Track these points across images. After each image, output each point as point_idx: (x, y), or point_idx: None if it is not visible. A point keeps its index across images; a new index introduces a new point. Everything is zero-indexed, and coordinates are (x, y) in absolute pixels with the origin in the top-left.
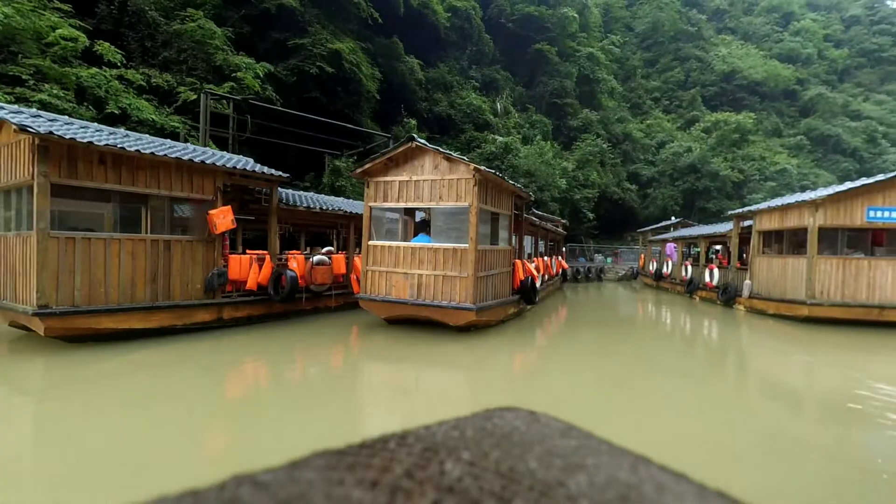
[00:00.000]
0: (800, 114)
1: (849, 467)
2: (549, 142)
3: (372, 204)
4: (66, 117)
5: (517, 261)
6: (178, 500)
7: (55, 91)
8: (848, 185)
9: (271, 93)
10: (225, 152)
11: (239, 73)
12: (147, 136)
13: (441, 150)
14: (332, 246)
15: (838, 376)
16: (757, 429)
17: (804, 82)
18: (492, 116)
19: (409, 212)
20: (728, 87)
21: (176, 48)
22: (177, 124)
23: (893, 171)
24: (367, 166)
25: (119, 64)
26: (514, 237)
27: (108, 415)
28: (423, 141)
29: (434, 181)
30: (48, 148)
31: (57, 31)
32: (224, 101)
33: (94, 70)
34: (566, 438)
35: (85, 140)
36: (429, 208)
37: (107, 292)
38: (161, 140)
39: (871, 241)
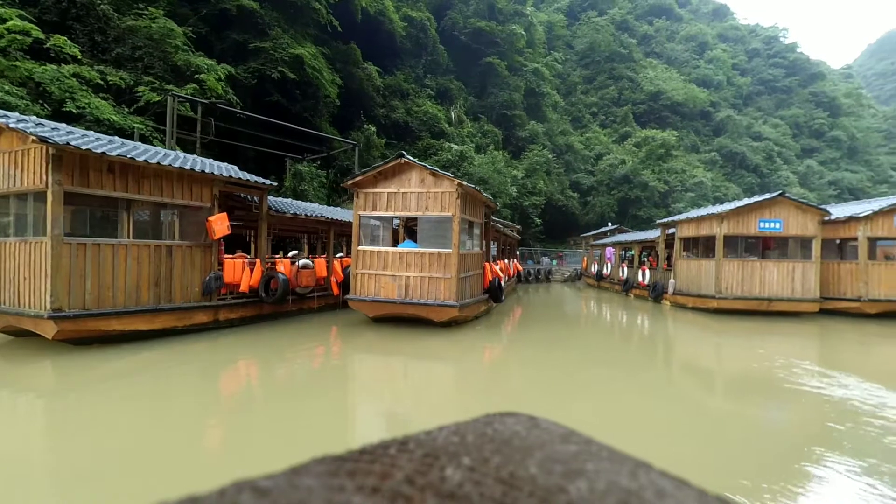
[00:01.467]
0: (713, 133)
1: (761, 427)
2: (500, 151)
3: (361, 213)
4: (57, 123)
5: (487, 263)
6: None
7: (6, 87)
8: (745, 201)
9: (232, 96)
10: (214, 160)
11: (202, 76)
12: (140, 143)
13: (427, 166)
14: (296, 250)
15: (746, 354)
16: (683, 403)
17: (716, 105)
18: (447, 125)
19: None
20: (655, 105)
21: (130, 45)
22: (139, 125)
23: (785, 185)
24: (357, 178)
25: (75, 60)
26: (483, 242)
27: (122, 413)
28: (411, 157)
29: (420, 193)
30: (62, 157)
31: (7, 22)
32: (186, 104)
33: (49, 66)
34: (566, 444)
35: (99, 150)
36: (404, 216)
37: (114, 296)
38: (156, 149)
39: (762, 246)
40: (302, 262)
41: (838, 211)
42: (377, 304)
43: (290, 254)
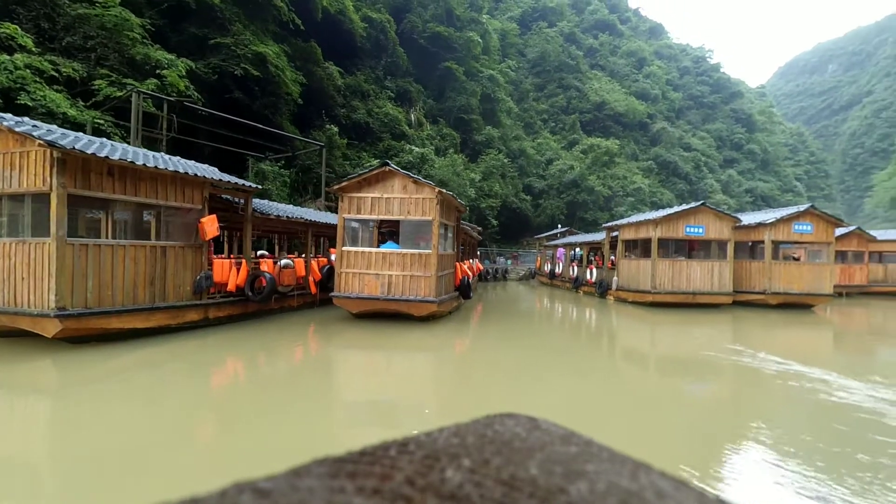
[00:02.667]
0: (650, 143)
1: (694, 393)
2: (459, 154)
3: (346, 216)
4: (38, 122)
5: (458, 263)
6: None
7: None
8: (675, 209)
9: (193, 92)
10: (196, 163)
11: (164, 72)
12: (132, 146)
13: (410, 174)
14: (263, 251)
15: (679, 339)
16: (627, 386)
17: (653, 117)
18: (407, 127)
19: (364, 222)
20: (600, 115)
21: (81, 34)
22: (98, 120)
23: (710, 192)
24: (343, 184)
25: (23, 50)
26: (455, 244)
27: (125, 409)
28: (395, 166)
29: (403, 199)
30: (66, 161)
31: None
32: (149, 100)
33: (2, 56)
34: (567, 445)
35: (102, 155)
36: (386, 220)
37: (113, 295)
38: (144, 151)
39: (689, 248)
40: (283, 261)
41: (749, 218)
42: (361, 300)
43: (257, 254)
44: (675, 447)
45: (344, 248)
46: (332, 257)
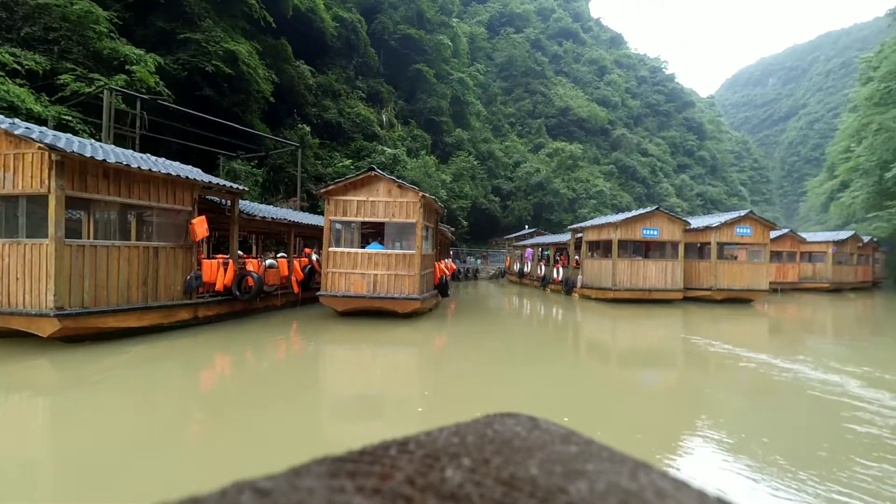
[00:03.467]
0: (611, 147)
1: (657, 382)
2: (430, 156)
3: (332, 218)
4: (30, 124)
5: (436, 262)
6: None
7: None
8: (633, 213)
9: (164, 88)
10: (183, 164)
11: (133, 67)
12: (122, 149)
13: (395, 179)
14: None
15: (637, 330)
16: (593, 373)
17: (614, 123)
18: (379, 128)
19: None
20: (564, 120)
21: (42, 25)
22: (66, 116)
23: (665, 196)
24: (330, 188)
25: None
26: (435, 244)
27: (122, 405)
28: (380, 171)
29: (388, 202)
30: (64, 164)
31: None
32: (118, 97)
33: None
34: (567, 444)
35: (100, 158)
36: (370, 222)
37: (108, 295)
38: (137, 154)
39: (645, 248)
40: (268, 262)
41: (697, 222)
42: (348, 299)
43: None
44: (638, 421)
45: (330, 249)
46: (314, 257)
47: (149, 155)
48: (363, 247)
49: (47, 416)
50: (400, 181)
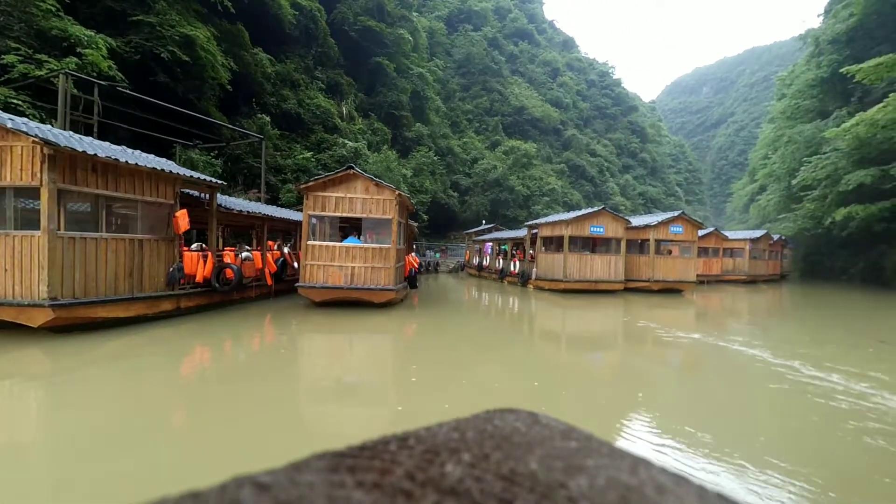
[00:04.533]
0: (562, 147)
1: (603, 359)
2: (392, 151)
3: (311, 212)
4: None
5: (407, 256)
6: (179, 501)
7: None
8: (582, 211)
9: (117, 73)
10: (161, 158)
11: (85, 51)
12: (103, 142)
13: (372, 177)
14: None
15: (586, 316)
16: (548, 353)
17: (565, 123)
18: (339, 120)
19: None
20: (519, 119)
21: None
22: (15, 101)
23: (611, 195)
24: (310, 184)
25: None
26: (406, 239)
27: (115, 391)
28: (359, 170)
29: (365, 199)
30: (56, 157)
31: None
32: (71, 81)
33: None
34: (566, 440)
35: (91, 152)
36: (349, 217)
37: (97, 286)
38: (122, 148)
39: (592, 244)
40: (244, 254)
41: (637, 220)
42: (326, 290)
43: (192, 246)
44: (589, 391)
45: (309, 242)
46: (286, 250)
47: (128, 148)
48: (341, 240)
49: (45, 403)
50: (378, 179)
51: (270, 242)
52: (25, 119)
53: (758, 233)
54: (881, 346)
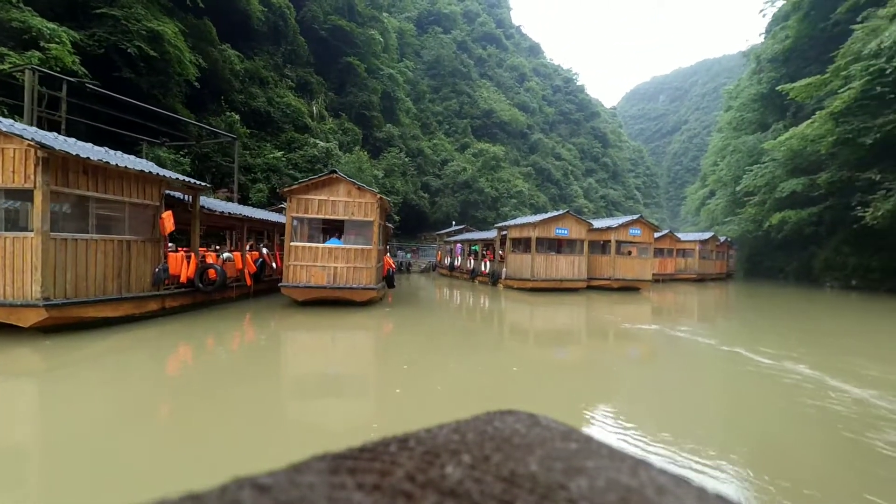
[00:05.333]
0: (529, 150)
1: (571, 349)
2: (363, 151)
3: (294, 214)
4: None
5: (385, 257)
6: (179, 502)
7: None
8: (548, 214)
9: (80, 68)
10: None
11: (49, 45)
12: (90, 144)
13: (354, 181)
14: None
15: (555, 312)
16: (525, 347)
17: (532, 128)
18: (310, 120)
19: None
20: (488, 122)
21: None
22: None
23: (576, 197)
24: (294, 187)
25: None
26: (384, 240)
27: (107, 389)
28: (342, 174)
29: (347, 202)
30: (49, 160)
31: None
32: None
33: None
34: (567, 442)
35: (84, 155)
36: (331, 219)
37: (87, 286)
38: (111, 151)
39: (558, 245)
40: (225, 255)
41: (599, 223)
42: (309, 289)
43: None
44: (563, 375)
45: (292, 244)
46: (265, 251)
47: (117, 152)
48: (323, 242)
49: (43, 400)
50: (359, 183)
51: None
52: (12, 121)
53: (706, 235)
54: (802, 334)
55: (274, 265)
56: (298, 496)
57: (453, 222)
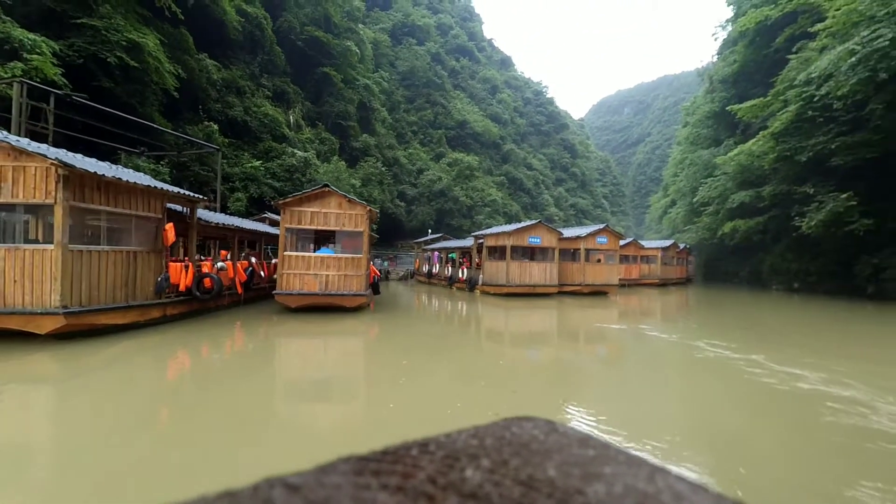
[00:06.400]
0: (502, 160)
1: (544, 347)
2: (341, 161)
3: (287, 226)
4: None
5: (371, 265)
6: (217, 499)
7: None
8: (522, 224)
9: (61, 79)
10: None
11: (34, 57)
12: (91, 159)
13: (345, 194)
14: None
15: (529, 315)
16: (500, 354)
17: (504, 138)
18: (287, 129)
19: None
20: (462, 133)
21: None
22: None
23: (547, 206)
24: (287, 200)
25: None
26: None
27: (120, 390)
28: (334, 188)
29: (339, 214)
30: (69, 177)
31: None
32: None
33: None
34: (584, 448)
35: (100, 173)
36: (323, 230)
37: (99, 295)
38: (120, 167)
39: (531, 253)
40: (219, 264)
41: (569, 232)
42: (302, 296)
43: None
44: (545, 364)
45: (286, 253)
46: (253, 260)
47: (121, 167)
48: (314, 251)
49: (69, 401)
50: (350, 196)
51: (223, 252)
52: (27, 140)
53: (667, 242)
54: (745, 331)
55: (262, 273)
56: (325, 496)
57: (429, 230)
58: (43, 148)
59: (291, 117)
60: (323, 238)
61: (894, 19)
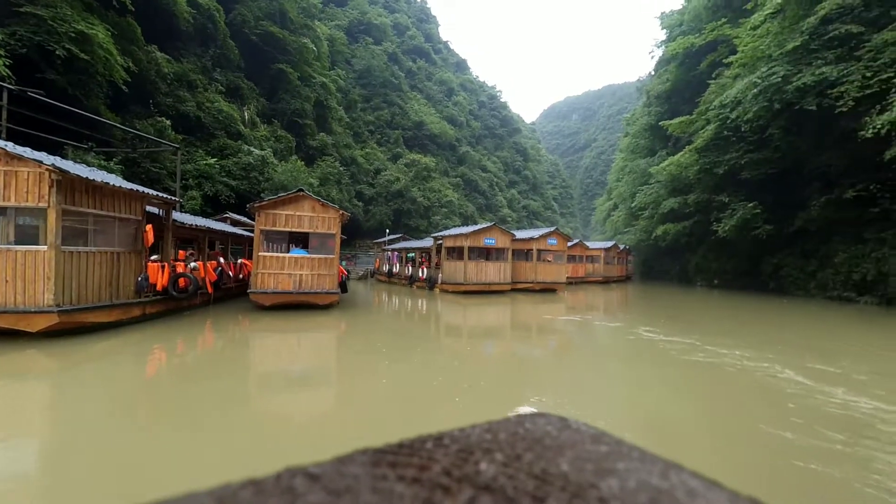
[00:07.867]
0: (458, 162)
1: (503, 340)
2: (298, 160)
3: (262, 227)
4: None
5: (339, 265)
6: (241, 487)
7: None
8: (479, 226)
9: (5, 70)
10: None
11: None
12: (80, 165)
13: (319, 198)
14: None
15: (486, 311)
16: (470, 335)
17: (460, 140)
18: (242, 126)
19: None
20: (419, 134)
21: None
22: None
23: (501, 207)
24: (262, 203)
25: None
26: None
27: (106, 382)
28: (308, 192)
29: (312, 217)
30: (62, 182)
31: None
32: None
33: None
34: (597, 444)
35: (92, 177)
36: (297, 232)
37: (88, 294)
38: (105, 172)
39: (486, 253)
40: (191, 265)
41: (522, 234)
42: (276, 295)
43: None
44: (504, 352)
45: (260, 254)
46: (222, 260)
47: (93, 168)
48: (287, 251)
49: (66, 394)
50: (323, 200)
51: (182, 253)
52: (25, 148)
53: (609, 243)
54: (669, 319)
55: (230, 273)
56: (345, 485)
57: (387, 230)
58: (37, 154)
59: (246, 114)
60: (296, 239)
61: (785, 59)
